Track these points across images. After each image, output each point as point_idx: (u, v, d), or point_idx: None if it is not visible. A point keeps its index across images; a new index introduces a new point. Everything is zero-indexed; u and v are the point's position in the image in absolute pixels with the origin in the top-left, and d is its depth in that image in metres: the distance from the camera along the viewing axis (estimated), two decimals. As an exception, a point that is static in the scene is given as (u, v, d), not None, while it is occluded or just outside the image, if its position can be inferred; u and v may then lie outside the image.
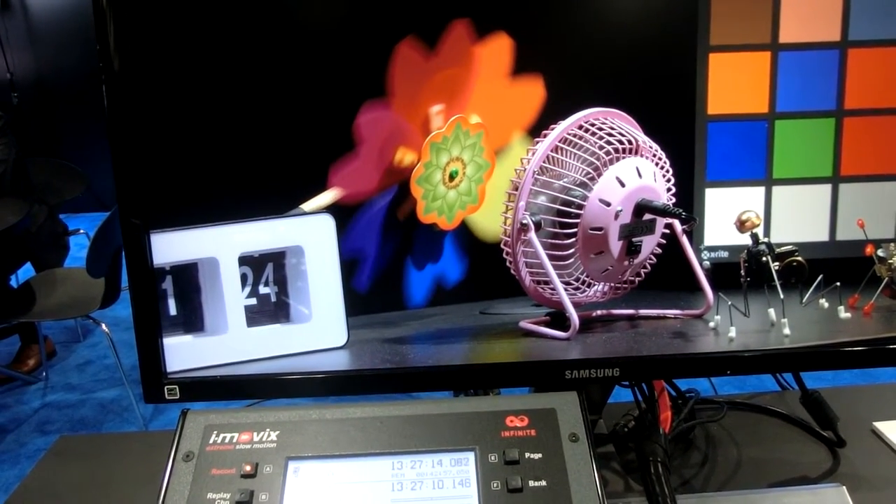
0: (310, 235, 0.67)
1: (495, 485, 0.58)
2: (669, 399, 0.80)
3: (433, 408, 0.63)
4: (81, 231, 3.25)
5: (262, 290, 0.69)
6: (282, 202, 0.67)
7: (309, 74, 0.65)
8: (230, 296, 0.68)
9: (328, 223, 0.67)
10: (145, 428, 2.55)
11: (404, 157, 0.65)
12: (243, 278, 0.68)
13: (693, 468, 0.83)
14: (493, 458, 0.59)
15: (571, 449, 0.60)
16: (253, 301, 0.69)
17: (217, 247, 0.67)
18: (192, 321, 0.68)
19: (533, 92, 0.67)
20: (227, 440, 0.61)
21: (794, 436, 0.88)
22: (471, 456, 0.59)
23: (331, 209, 0.67)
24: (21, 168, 2.61)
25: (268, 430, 0.62)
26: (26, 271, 2.84)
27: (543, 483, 0.58)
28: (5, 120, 2.48)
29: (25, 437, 2.59)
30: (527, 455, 0.59)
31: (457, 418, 0.62)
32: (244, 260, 0.68)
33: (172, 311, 0.68)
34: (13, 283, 2.84)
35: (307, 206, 0.67)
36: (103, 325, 2.61)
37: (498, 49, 0.65)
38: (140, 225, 0.66)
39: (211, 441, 0.61)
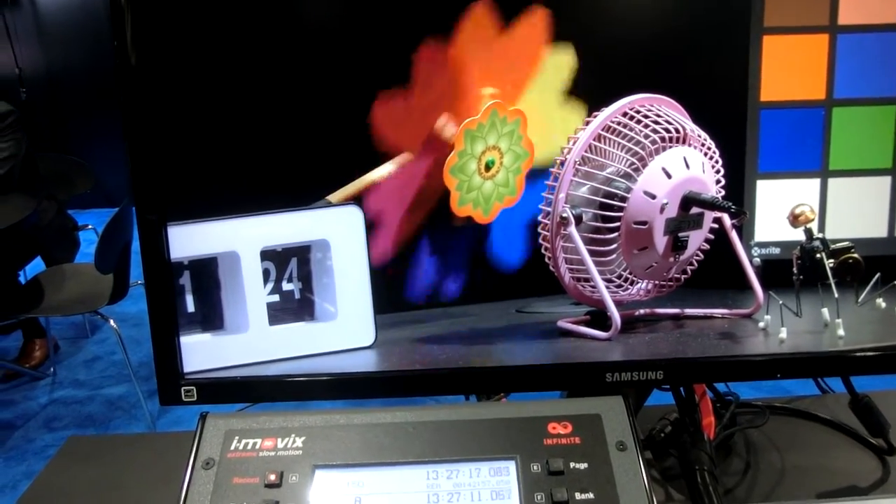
0: (336, 228, 0.64)
1: (539, 497, 0.54)
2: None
3: (470, 413, 0.59)
4: (90, 226, 3.24)
5: (286, 286, 0.66)
6: (307, 193, 0.64)
7: (337, 53, 0.61)
8: (251, 292, 0.65)
9: (356, 215, 0.64)
10: (153, 425, 2.53)
11: (447, 125, 0.61)
12: (265, 274, 0.65)
13: (735, 476, 0.79)
14: (535, 467, 0.55)
15: (619, 458, 0.56)
16: (275, 298, 0.66)
17: (238, 240, 0.64)
18: (210, 319, 0.65)
19: (574, 75, 0.63)
20: (249, 446, 0.57)
21: (841, 443, 0.84)
22: (511, 465, 0.56)
23: (359, 199, 0.63)
24: (30, 163, 2.60)
25: (293, 435, 0.58)
26: (35, 267, 2.82)
27: (591, 496, 0.54)
28: (16, 116, 2.47)
29: (33, 433, 2.59)
30: (572, 465, 0.56)
31: (495, 424, 0.58)
32: (266, 254, 0.64)
33: (190, 307, 0.65)
34: (21, 279, 2.83)
35: (334, 196, 0.63)
36: (111, 321, 2.59)
37: (537, 29, 0.61)
38: (156, 218, 0.63)
39: (232, 447, 0.57)
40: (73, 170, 3.16)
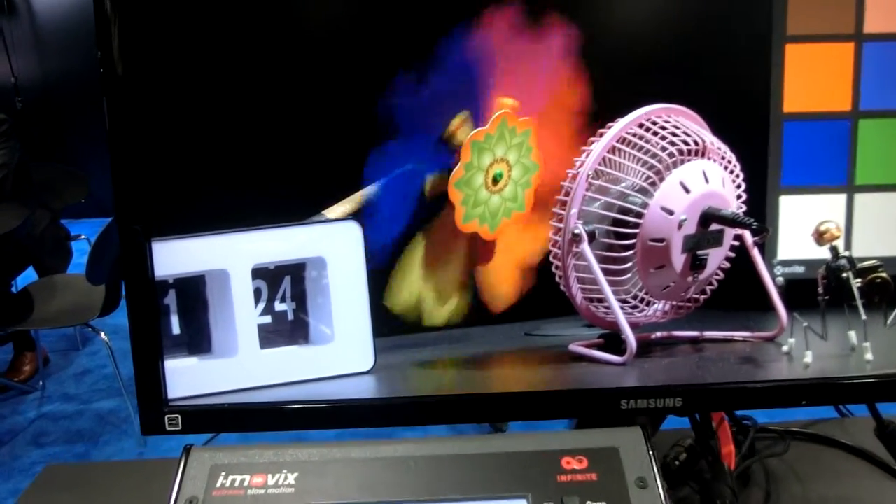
0: (333, 245, 0.61)
1: (553, 540, 0.49)
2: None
3: (476, 446, 0.55)
4: (83, 237, 3.22)
5: (278, 306, 0.62)
6: (301, 207, 0.60)
7: (337, 50, 0.57)
8: (241, 313, 0.61)
9: (354, 231, 0.60)
10: (144, 442, 2.47)
11: (461, 127, 0.57)
12: (256, 293, 0.61)
13: (753, 507, 0.75)
14: (548, 506, 0.51)
15: (640, 497, 0.52)
16: (267, 319, 0.62)
17: (227, 257, 0.60)
18: (197, 341, 0.62)
19: (588, 84, 0.59)
20: (236, 483, 0.53)
21: (865, 471, 0.79)
22: None
23: (357, 216, 0.59)
24: (24, 172, 2.58)
25: (284, 471, 0.54)
26: (27, 277, 2.78)
27: (609, 539, 0.49)
28: (9, 124, 2.46)
29: (20, 449, 2.53)
30: (587, 504, 0.51)
31: (504, 459, 0.54)
32: (258, 272, 0.61)
33: (175, 329, 0.61)
34: (13, 289, 2.79)
35: (331, 211, 0.59)
36: (102, 334, 2.55)
37: (552, 37, 0.57)
38: (140, 231, 0.59)
39: (218, 484, 0.53)
40: (67, 179, 3.14)
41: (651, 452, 0.55)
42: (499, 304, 0.63)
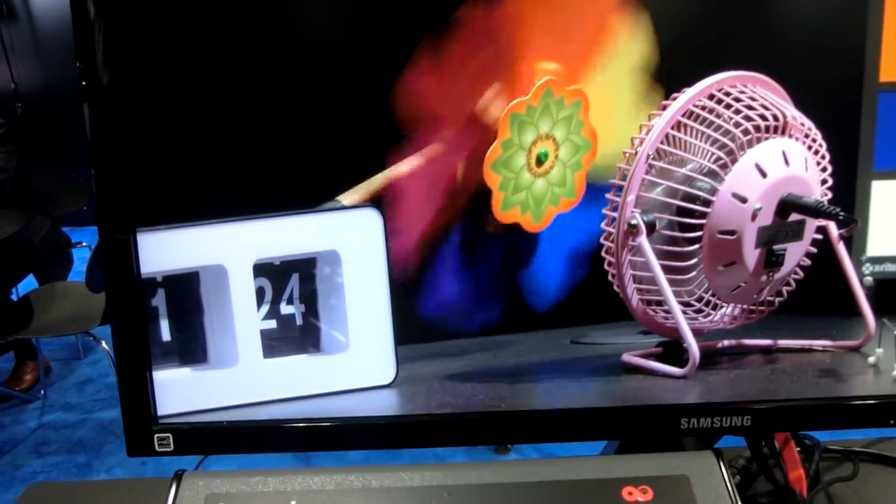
0: (348, 237, 0.54)
1: (618, 593, 0.41)
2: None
3: (520, 473, 0.47)
4: (84, 244, 3.24)
5: (285, 309, 0.56)
6: (312, 192, 0.53)
7: (351, 14, 0.50)
8: (242, 316, 0.54)
9: (374, 220, 0.53)
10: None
11: (490, 106, 0.49)
12: (259, 293, 0.55)
13: (823, 539, 0.66)
14: (609, 548, 0.43)
15: (718, 537, 0.43)
16: (272, 324, 0.56)
17: (225, 251, 0.54)
18: (191, 350, 0.55)
19: (649, 46, 0.51)
20: (235, 517, 0.45)
21: (949, 499, 0.70)
22: None
23: (378, 201, 0.52)
24: (23, 178, 2.60)
25: (293, 502, 0.46)
26: (28, 284, 2.79)
27: (687, 591, 0.41)
28: (7, 128, 2.50)
29: (21, 459, 2.53)
30: (656, 545, 0.43)
31: (554, 489, 0.46)
32: (261, 269, 0.54)
33: (165, 335, 0.55)
34: (14, 296, 2.79)
35: (345, 197, 0.52)
36: (103, 343, 2.53)
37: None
38: (123, 222, 0.52)
39: (214, 519, 0.45)
40: (67, 186, 3.18)
41: (728, 482, 0.47)
42: (541, 307, 0.56)
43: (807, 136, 0.55)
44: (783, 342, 0.60)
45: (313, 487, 0.46)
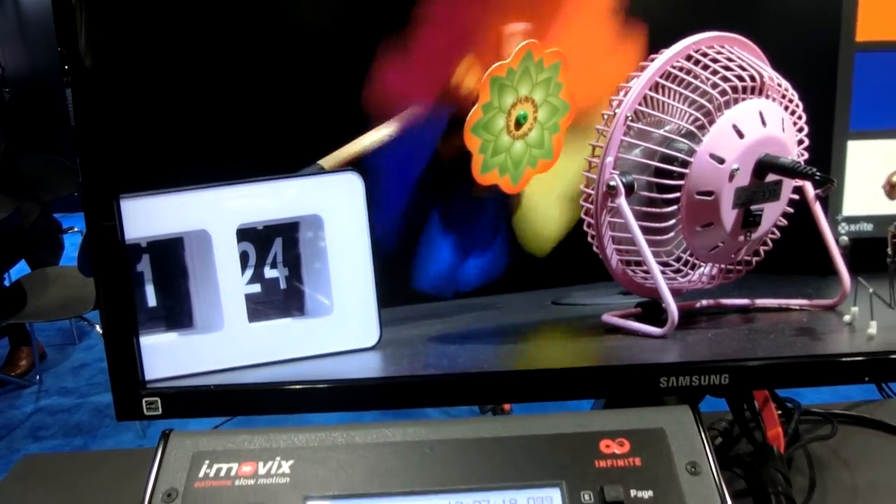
0: (331, 201, 0.54)
1: (594, 538, 0.42)
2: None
3: (501, 428, 0.48)
4: (76, 229, 3.19)
5: (269, 273, 0.56)
6: (293, 157, 0.53)
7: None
8: (226, 281, 0.54)
9: (355, 184, 0.53)
10: (143, 434, 2.43)
11: (467, 75, 0.49)
12: (243, 258, 0.55)
13: (799, 495, 0.67)
14: (586, 496, 0.44)
15: (692, 485, 0.45)
16: (256, 288, 0.55)
17: (208, 216, 0.53)
18: (176, 314, 0.55)
19: (627, 7, 0.51)
20: (222, 473, 0.46)
21: (921, 457, 0.72)
22: (555, 494, 0.45)
23: (358, 165, 0.52)
24: (11, 163, 2.57)
25: (278, 458, 0.47)
26: (19, 270, 2.77)
27: (661, 536, 0.42)
28: None
29: (18, 443, 2.52)
30: (632, 493, 0.45)
31: (534, 442, 0.47)
32: (244, 234, 0.54)
33: (151, 301, 0.54)
34: (6, 282, 2.76)
35: (327, 161, 0.52)
36: (97, 327, 2.51)
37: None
38: (105, 187, 0.51)
39: (201, 474, 0.46)
40: (57, 171, 3.11)
41: (703, 434, 0.48)
42: (522, 269, 0.56)
43: (784, 96, 0.54)
44: (760, 301, 0.60)
45: (298, 444, 0.47)
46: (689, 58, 0.53)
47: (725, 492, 0.45)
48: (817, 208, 0.57)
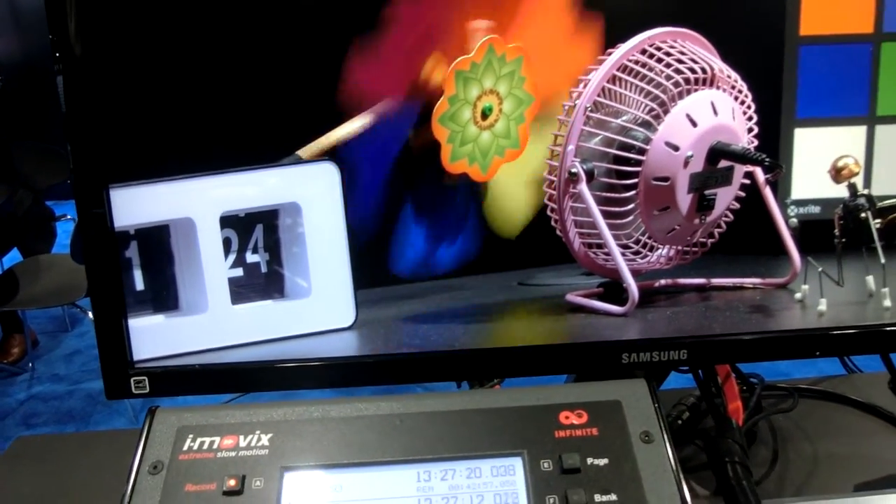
0: (309, 189, 0.56)
1: (551, 500, 0.45)
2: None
3: (466, 402, 0.51)
4: (68, 217, 3.17)
5: (251, 258, 0.58)
6: (273, 148, 0.55)
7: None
8: (210, 266, 0.56)
9: (331, 173, 0.55)
10: (136, 419, 2.45)
11: (434, 70, 0.52)
12: (226, 244, 0.57)
13: (762, 467, 0.71)
14: (546, 464, 0.47)
15: (645, 452, 0.48)
16: (239, 272, 0.57)
17: (193, 204, 0.55)
18: (163, 298, 0.57)
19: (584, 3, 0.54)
20: (205, 446, 0.49)
21: (879, 429, 0.75)
22: (517, 463, 0.47)
23: (334, 155, 0.54)
24: (4, 152, 2.57)
25: (258, 432, 0.49)
26: (11, 258, 2.76)
27: (613, 497, 0.45)
28: None
29: (10, 430, 2.52)
30: (589, 461, 0.47)
31: (497, 415, 0.50)
32: (227, 221, 0.56)
33: (139, 285, 0.57)
34: None
35: (305, 152, 0.54)
36: (89, 315, 2.51)
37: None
38: (95, 178, 0.54)
39: (185, 447, 0.49)
40: (50, 159, 3.08)
41: (657, 405, 0.51)
42: (490, 252, 0.58)
43: (733, 87, 0.57)
44: (716, 280, 0.62)
45: (276, 418, 0.50)
46: (643, 52, 0.55)
47: (675, 458, 0.48)
48: (767, 192, 0.59)
